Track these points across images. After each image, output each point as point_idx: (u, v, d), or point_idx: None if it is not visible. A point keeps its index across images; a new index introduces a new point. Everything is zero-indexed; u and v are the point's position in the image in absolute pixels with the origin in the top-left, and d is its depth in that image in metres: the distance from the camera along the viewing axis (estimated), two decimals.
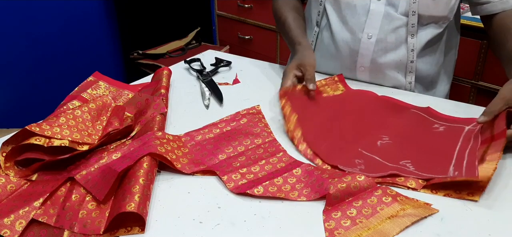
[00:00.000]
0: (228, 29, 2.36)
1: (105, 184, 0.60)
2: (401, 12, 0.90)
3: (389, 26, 0.91)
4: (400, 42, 0.92)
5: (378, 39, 0.92)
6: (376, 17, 0.92)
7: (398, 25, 0.91)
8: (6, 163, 0.65)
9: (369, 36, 0.93)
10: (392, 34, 0.92)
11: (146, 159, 0.64)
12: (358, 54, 0.95)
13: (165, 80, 0.92)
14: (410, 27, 0.90)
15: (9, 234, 0.54)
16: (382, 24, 0.91)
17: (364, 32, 0.93)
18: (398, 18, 0.91)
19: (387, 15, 0.91)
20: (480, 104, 0.88)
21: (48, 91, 1.99)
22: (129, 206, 0.55)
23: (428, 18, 0.90)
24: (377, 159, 0.69)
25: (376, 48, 0.93)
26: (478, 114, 0.82)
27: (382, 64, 0.94)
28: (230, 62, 1.08)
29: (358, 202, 0.59)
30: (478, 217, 0.58)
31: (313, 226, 0.57)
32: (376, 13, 0.91)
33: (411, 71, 0.95)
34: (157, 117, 0.76)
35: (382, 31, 0.92)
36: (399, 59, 0.94)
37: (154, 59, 2.03)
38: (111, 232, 0.55)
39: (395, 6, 0.90)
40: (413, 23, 0.90)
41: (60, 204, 0.60)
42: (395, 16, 0.91)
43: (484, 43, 1.46)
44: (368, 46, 0.93)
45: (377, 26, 0.92)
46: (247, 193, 0.62)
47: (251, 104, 0.87)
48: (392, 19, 0.91)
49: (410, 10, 0.89)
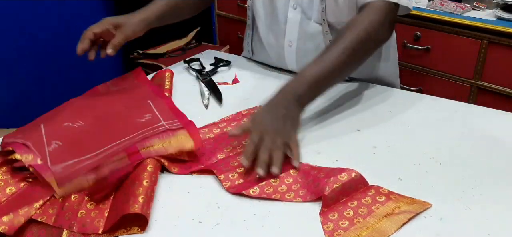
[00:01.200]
0: (228, 29, 2.36)
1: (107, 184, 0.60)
2: (315, 20, 0.92)
3: (305, 34, 0.94)
4: (319, 48, 0.92)
5: (297, 46, 0.95)
6: (294, 26, 0.94)
7: (313, 33, 0.93)
8: (3, 168, 0.65)
9: (290, 44, 0.96)
10: (310, 42, 0.94)
11: (151, 161, 0.64)
12: (285, 59, 0.99)
13: (168, 83, 0.92)
14: (325, 34, 0.92)
15: (7, 229, 0.54)
16: (299, 31, 0.94)
17: (285, 39, 0.96)
18: (313, 27, 0.93)
19: (303, 23, 0.93)
20: (480, 104, 0.88)
21: (48, 91, 1.99)
22: (132, 208, 0.55)
23: (338, 24, 0.90)
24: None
25: (298, 56, 0.96)
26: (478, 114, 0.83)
27: None
28: (229, 62, 1.08)
29: (353, 202, 0.59)
30: (478, 217, 0.58)
31: (313, 226, 0.57)
32: (294, 22, 0.94)
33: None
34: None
35: (301, 39, 0.94)
36: None
37: (154, 59, 2.03)
38: (110, 232, 0.55)
39: (307, 14, 0.92)
40: (327, 31, 0.91)
41: (59, 204, 0.60)
42: (310, 24, 0.93)
43: (484, 43, 1.46)
44: (291, 53, 0.97)
45: (295, 34, 0.95)
46: (242, 193, 0.62)
47: (250, 104, 0.87)
48: (308, 27, 0.93)
49: (321, 18, 0.91)
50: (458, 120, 0.82)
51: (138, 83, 0.92)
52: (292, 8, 0.93)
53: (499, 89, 1.49)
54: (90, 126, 0.73)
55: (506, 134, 0.77)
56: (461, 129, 0.78)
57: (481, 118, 0.82)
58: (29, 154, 0.65)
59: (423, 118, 0.81)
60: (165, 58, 2.04)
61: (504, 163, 0.69)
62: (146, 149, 0.66)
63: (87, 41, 0.90)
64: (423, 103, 0.87)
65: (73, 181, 0.61)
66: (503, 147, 0.73)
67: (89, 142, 0.68)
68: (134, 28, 0.93)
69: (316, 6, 0.91)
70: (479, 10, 1.59)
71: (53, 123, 0.74)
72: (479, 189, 0.62)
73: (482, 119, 0.82)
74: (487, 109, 0.86)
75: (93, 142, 0.68)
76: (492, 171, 0.67)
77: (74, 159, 0.65)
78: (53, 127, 0.72)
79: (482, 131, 0.77)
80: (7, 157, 0.66)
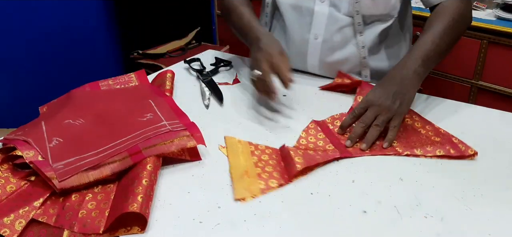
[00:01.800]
0: (228, 29, 2.34)
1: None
2: (344, 13, 0.92)
3: (334, 26, 0.93)
4: (347, 41, 0.95)
5: (324, 39, 0.95)
6: (321, 19, 0.94)
7: (343, 25, 0.93)
8: (4, 165, 0.65)
9: (316, 37, 0.95)
10: (338, 34, 0.94)
11: (150, 160, 0.64)
12: (307, 54, 0.98)
13: (168, 83, 0.92)
14: (357, 26, 0.93)
15: (9, 233, 0.54)
16: (327, 24, 0.94)
17: (311, 33, 0.95)
18: (342, 19, 0.93)
19: (331, 16, 0.93)
20: (480, 104, 0.88)
21: (48, 91, 1.98)
22: (131, 207, 0.55)
23: (371, 17, 0.93)
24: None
25: (323, 48, 0.96)
26: (478, 114, 0.83)
27: (331, 63, 0.97)
28: (230, 62, 1.08)
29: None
30: (478, 217, 0.58)
31: (313, 226, 0.57)
32: (321, 15, 0.94)
33: (365, 66, 0.97)
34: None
35: (328, 32, 0.94)
36: (347, 57, 0.96)
37: (154, 59, 2.03)
38: (111, 232, 0.55)
39: (337, 7, 0.92)
40: (359, 22, 0.92)
41: (59, 204, 0.60)
42: (339, 17, 0.93)
43: (484, 43, 1.46)
44: (315, 47, 0.96)
45: (322, 27, 0.94)
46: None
47: (251, 104, 0.87)
48: (337, 20, 0.93)
49: (353, 11, 0.91)
50: (458, 120, 0.82)
51: (139, 83, 0.92)
52: (319, 1, 0.93)
53: (499, 89, 1.49)
54: (91, 124, 0.73)
55: (506, 134, 0.77)
56: (461, 129, 0.78)
57: (481, 118, 0.82)
58: (30, 151, 0.65)
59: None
60: (165, 58, 2.04)
61: (504, 163, 0.69)
62: (148, 149, 0.66)
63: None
64: (423, 103, 0.87)
65: (74, 177, 0.61)
66: (503, 147, 0.73)
67: (90, 140, 0.68)
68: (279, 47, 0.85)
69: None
70: (479, 10, 1.59)
71: (54, 120, 0.74)
72: (480, 190, 0.62)
73: (482, 119, 0.82)
74: (487, 109, 0.86)
75: (94, 140, 0.68)
76: (493, 171, 0.67)
77: (75, 156, 0.65)
78: (54, 124, 0.72)
79: (482, 131, 0.77)
80: (8, 154, 0.66)
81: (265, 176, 0.65)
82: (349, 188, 0.63)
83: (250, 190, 0.62)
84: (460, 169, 0.67)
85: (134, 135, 0.69)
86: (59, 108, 0.79)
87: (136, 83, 0.92)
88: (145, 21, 2.17)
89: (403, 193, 0.62)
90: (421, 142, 0.72)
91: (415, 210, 0.59)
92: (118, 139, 0.68)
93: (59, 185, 0.60)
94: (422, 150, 0.70)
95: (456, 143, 0.70)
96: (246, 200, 0.61)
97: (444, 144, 0.70)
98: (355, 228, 0.56)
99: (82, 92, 0.86)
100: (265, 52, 0.82)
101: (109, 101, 0.82)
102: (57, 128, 0.71)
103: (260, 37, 0.87)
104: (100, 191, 0.62)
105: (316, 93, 0.94)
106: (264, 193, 0.62)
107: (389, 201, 0.60)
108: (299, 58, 0.99)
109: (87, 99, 0.83)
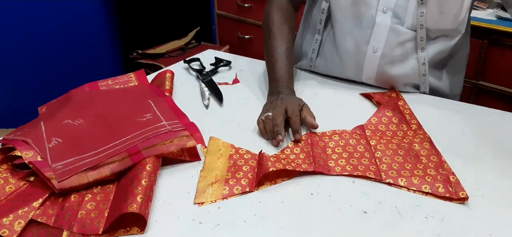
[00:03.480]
0: (228, 29, 2.36)
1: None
2: (407, 26, 0.87)
3: (395, 40, 0.88)
4: (407, 55, 0.89)
5: (383, 53, 0.89)
6: (382, 31, 0.88)
7: (405, 39, 0.88)
8: (3, 166, 0.65)
9: (375, 50, 0.89)
10: (399, 48, 0.89)
11: (149, 160, 0.64)
12: (363, 67, 0.92)
13: (168, 83, 0.92)
14: (419, 40, 0.87)
15: (8, 233, 0.54)
16: (388, 37, 0.88)
17: (369, 45, 0.89)
18: (405, 33, 0.87)
19: (393, 29, 0.87)
20: (480, 104, 0.88)
21: (48, 91, 1.98)
22: (130, 207, 0.55)
23: (436, 32, 0.87)
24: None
25: (382, 62, 0.90)
26: (478, 114, 0.82)
27: (389, 77, 0.91)
28: (229, 62, 1.08)
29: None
30: (478, 217, 0.58)
31: (313, 226, 0.56)
32: (382, 27, 0.87)
33: (424, 83, 0.92)
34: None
35: (388, 46, 0.88)
36: (407, 73, 0.90)
37: (154, 59, 2.03)
38: (110, 232, 0.55)
39: (401, 19, 0.87)
40: (422, 37, 0.87)
41: (59, 204, 0.59)
42: (402, 30, 0.87)
43: (484, 43, 1.46)
44: (373, 60, 0.90)
45: (382, 40, 0.88)
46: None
47: (250, 104, 0.87)
48: (399, 33, 0.87)
49: (417, 24, 0.86)
50: (458, 120, 0.82)
51: (138, 83, 0.92)
52: (381, 11, 0.87)
53: (499, 89, 1.49)
54: (90, 124, 0.73)
55: (506, 134, 0.77)
56: (462, 129, 0.78)
57: (481, 118, 0.82)
58: (30, 151, 0.64)
59: (424, 118, 0.81)
60: (165, 58, 2.05)
61: (504, 163, 0.69)
62: (147, 149, 0.66)
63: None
64: (423, 103, 0.87)
65: (73, 178, 0.61)
66: (503, 147, 0.73)
67: (90, 140, 0.68)
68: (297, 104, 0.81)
69: (411, 11, 0.85)
70: (480, 10, 1.59)
71: (53, 121, 0.74)
72: (480, 190, 0.62)
73: (482, 119, 0.82)
74: (487, 109, 0.85)
75: (94, 141, 0.68)
76: (493, 172, 0.67)
77: (74, 156, 0.65)
78: (53, 125, 0.72)
79: (483, 131, 0.77)
80: (7, 154, 0.66)
81: (232, 182, 0.64)
82: (350, 189, 0.63)
83: (212, 195, 0.62)
84: (460, 170, 0.67)
85: (134, 135, 0.69)
86: (58, 108, 0.79)
87: (135, 83, 0.92)
88: (145, 21, 2.17)
89: (403, 194, 0.62)
90: (411, 171, 0.66)
91: (416, 211, 0.59)
92: (117, 139, 0.68)
93: (58, 185, 0.60)
94: (406, 182, 0.64)
95: (451, 182, 0.63)
96: (204, 205, 0.60)
97: (435, 181, 0.64)
98: (355, 228, 0.56)
99: (81, 92, 0.85)
100: (285, 101, 0.80)
101: (108, 101, 0.82)
102: (56, 128, 0.71)
103: (282, 91, 0.85)
104: (100, 192, 0.62)
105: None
106: (226, 199, 0.61)
107: (390, 202, 0.60)
108: (354, 70, 0.94)
109: (86, 99, 0.83)
